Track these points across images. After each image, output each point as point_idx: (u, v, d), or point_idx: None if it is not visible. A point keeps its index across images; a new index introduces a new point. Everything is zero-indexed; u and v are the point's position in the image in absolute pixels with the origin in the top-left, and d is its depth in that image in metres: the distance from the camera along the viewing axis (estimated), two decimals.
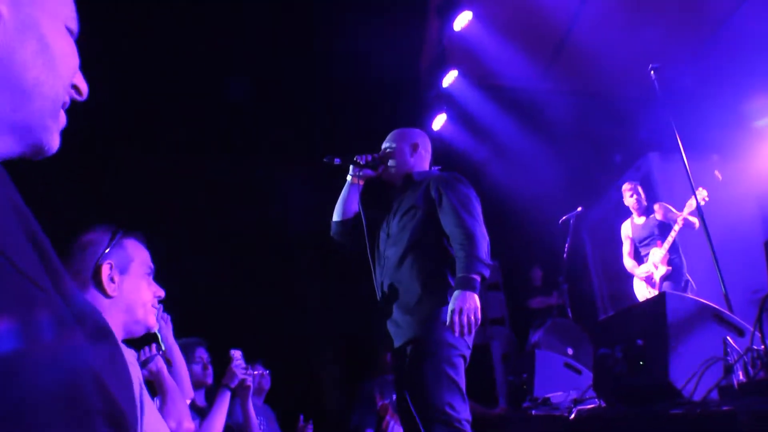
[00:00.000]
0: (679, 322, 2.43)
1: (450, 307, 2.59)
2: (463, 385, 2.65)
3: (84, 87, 0.82)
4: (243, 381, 3.24)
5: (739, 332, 2.47)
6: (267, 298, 6.32)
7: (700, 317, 2.47)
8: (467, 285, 2.59)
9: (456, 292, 2.60)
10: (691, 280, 5.34)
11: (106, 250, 1.60)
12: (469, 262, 2.63)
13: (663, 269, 5.36)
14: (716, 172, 6.22)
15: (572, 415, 3.04)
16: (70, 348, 0.54)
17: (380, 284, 2.95)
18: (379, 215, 3.15)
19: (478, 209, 2.85)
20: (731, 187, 6.16)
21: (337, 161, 3.05)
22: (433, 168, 3.20)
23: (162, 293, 1.72)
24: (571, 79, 6.80)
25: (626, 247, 5.82)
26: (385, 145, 3.18)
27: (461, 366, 2.67)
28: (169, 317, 2.76)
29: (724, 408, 2.04)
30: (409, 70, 6.66)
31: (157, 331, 2.59)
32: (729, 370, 2.31)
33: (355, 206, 3.13)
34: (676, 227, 5.28)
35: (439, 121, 6.56)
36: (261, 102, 6.20)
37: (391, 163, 3.10)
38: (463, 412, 2.59)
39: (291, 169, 6.05)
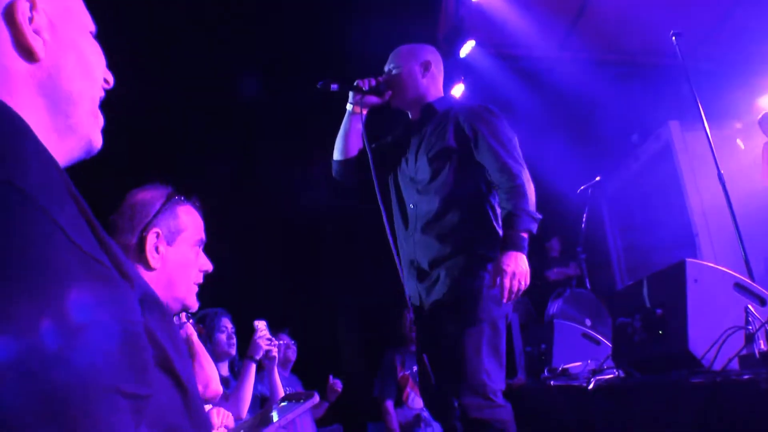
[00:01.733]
0: (699, 290, 2.41)
1: (497, 267, 2.32)
2: (503, 349, 2.43)
3: (110, 77, 0.93)
4: (268, 352, 3.25)
5: (761, 301, 2.44)
6: (289, 267, 6.37)
7: (720, 285, 2.44)
8: (516, 245, 2.32)
9: (505, 254, 2.32)
10: None
11: (156, 216, 1.46)
12: (518, 218, 2.36)
13: None
14: (738, 141, 6.13)
15: (591, 386, 3.04)
16: (127, 311, 0.60)
17: (407, 235, 2.63)
18: (392, 149, 2.79)
19: (517, 145, 2.58)
20: (754, 155, 6.06)
21: (334, 87, 2.64)
22: (450, 97, 2.80)
23: (210, 267, 1.59)
24: (591, 47, 6.68)
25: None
26: (389, 65, 2.78)
27: (503, 328, 2.44)
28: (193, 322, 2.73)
29: (745, 377, 2.02)
30: (427, 40, 6.58)
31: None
32: (750, 339, 2.29)
33: (358, 140, 2.73)
34: None
35: (456, 92, 6.51)
36: (274, 73, 6.19)
37: (400, 87, 2.72)
38: (498, 381, 2.38)
39: (309, 130, 6.05)
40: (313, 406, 3.00)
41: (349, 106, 2.74)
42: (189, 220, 1.54)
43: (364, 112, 2.74)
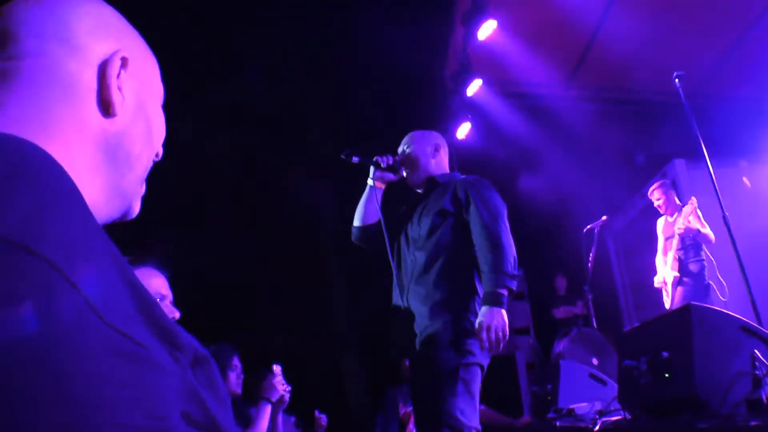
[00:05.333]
0: (705, 334, 2.40)
1: (477, 322, 2.54)
2: (477, 394, 2.60)
3: (161, 151, 0.93)
4: (282, 396, 3.29)
5: None
6: (294, 303, 6.37)
7: (726, 329, 2.43)
8: (494, 301, 2.54)
9: (483, 308, 2.54)
10: (713, 285, 5.18)
11: None
12: (496, 277, 2.57)
13: (671, 275, 5.25)
14: (744, 179, 6.14)
15: (597, 427, 3.01)
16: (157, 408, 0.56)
17: (403, 288, 2.87)
18: (401, 219, 3.06)
19: (505, 216, 2.78)
20: (761, 193, 6.07)
21: (355, 159, 2.95)
22: (455, 173, 3.11)
23: (176, 315, 1.79)
24: (596, 86, 6.76)
25: (659, 245, 5.62)
26: (404, 147, 3.09)
27: (477, 375, 2.62)
28: None
29: (752, 422, 2.01)
30: (434, 79, 6.67)
31: None
32: (757, 384, 2.28)
33: (376, 211, 3.02)
34: (676, 233, 5.14)
35: (463, 130, 6.56)
36: (286, 107, 6.26)
37: (414, 166, 3.00)
38: (473, 420, 2.54)
39: (321, 172, 6.09)
40: None
41: (370, 181, 3.03)
42: (143, 281, 1.70)
43: (383, 186, 3.05)
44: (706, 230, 5.10)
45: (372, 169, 3.01)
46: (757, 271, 4.09)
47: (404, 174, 3.03)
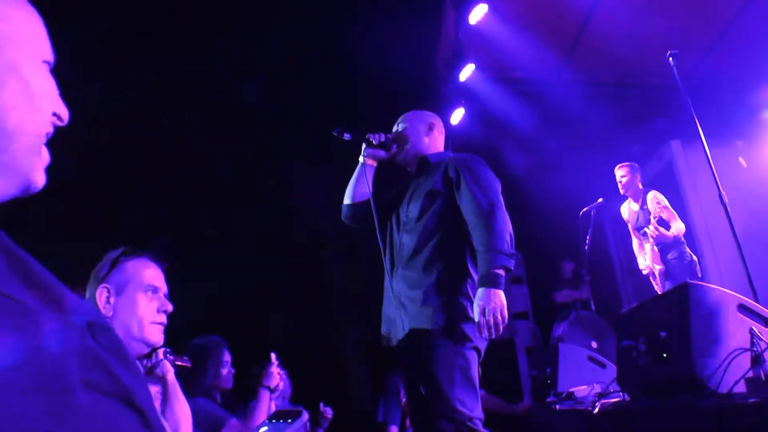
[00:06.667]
0: (703, 312, 2.38)
1: (474, 306, 2.44)
2: (476, 380, 2.50)
3: (64, 113, 0.84)
4: (277, 384, 3.30)
5: (766, 322, 2.42)
6: (294, 293, 6.36)
7: (724, 307, 2.41)
8: (491, 282, 2.43)
9: (480, 291, 2.43)
10: (695, 258, 5.26)
11: (105, 276, 1.73)
12: (491, 257, 2.46)
13: (656, 268, 5.27)
14: (740, 159, 6.13)
15: (596, 409, 3.01)
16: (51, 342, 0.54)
17: (393, 272, 2.78)
18: (392, 201, 2.99)
19: (499, 192, 2.69)
20: (757, 173, 6.05)
21: (347, 136, 2.87)
22: (447, 152, 3.04)
23: (169, 308, 1.77)
24: (590, 68, 6.71)
25: (630, 230, 5.68)
26: (398, 125, 3.04)
27: (474, 359, 2.53)
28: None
29: (751, 400, 2.00)
30: (426, 65, 6.63)
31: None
32: (756, 361, 2.26)
33: (367, 189, 2.94)
34: (651, 232, 5.19)
35: (457, 116, 6.52)
36: (277, 99, 6.23)
37: (405, 143, 2.94)
38: (475, 409, 2.44)
39: (315, 166, 6.07)
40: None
41: (361, 158, 2.97)
42: (136, 272, 1.77)
43: (374, 164, 2.98)
44: (676, 227, 5.17)
45: (363, 146, 2.95)
46: (754, 250, 4.08)
47: (394, 151, 2.95)
